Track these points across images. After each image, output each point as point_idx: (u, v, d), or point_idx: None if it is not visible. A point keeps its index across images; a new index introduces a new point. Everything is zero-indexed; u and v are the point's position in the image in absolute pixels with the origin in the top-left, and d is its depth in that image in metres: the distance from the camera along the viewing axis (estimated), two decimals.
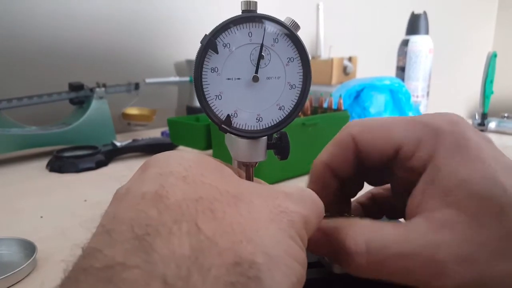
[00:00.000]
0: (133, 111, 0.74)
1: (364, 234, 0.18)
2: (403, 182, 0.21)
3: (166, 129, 0.60)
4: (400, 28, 0.88)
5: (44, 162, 0.57)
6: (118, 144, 0.58)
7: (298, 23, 0.22)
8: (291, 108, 0.23)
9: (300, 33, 0.22)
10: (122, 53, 0.82)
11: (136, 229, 0.13)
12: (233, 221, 0.14)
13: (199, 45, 0.21)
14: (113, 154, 0.58)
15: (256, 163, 0.24)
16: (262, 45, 0.22)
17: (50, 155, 0.57)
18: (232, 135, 0.23)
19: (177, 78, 0.79)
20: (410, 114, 0.67)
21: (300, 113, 0.52)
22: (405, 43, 0.83)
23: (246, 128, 0.22)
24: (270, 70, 0.22)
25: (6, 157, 0.60)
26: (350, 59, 1.03)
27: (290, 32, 0.22)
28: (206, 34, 0.21)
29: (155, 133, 0.75)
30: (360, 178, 0.24)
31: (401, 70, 0.84)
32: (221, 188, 0.15)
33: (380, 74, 0.99)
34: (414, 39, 0.82)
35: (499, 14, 2.07)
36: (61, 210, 0.41)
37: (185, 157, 0.17)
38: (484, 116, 0.81)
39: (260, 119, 0.23)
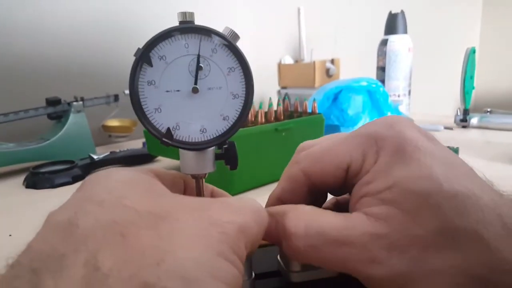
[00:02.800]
0: (113, 123, 0.74)
1: (304, 218, 0.19)
2: None
3: None
4: (380, 27, 0.88)
5: (21, 178, 0.57)
6: (95, 157, 0.58)
7: (237, 33, 0.22)
8: (235, 118, 0.23)
9: (283, 37, 0.23)
10: (100, 66, 0.82)
11: (35, 263, 0.12)
12: (147, 244, 0.13)
13: None
14: (90, 168, 0.58)
15: (205, 174, 0.24)
16: (199, 56, 0.21)
17: (27, 171, 0.57)
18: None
19: None
20: (389, 114, 0.67)
21: (272, 118, 0.52)
22: (384, 43, 0.83)
23: (190, 140, 0.22)
24: (210, 80, 0.22)
25: None
26: (332, 61, 1.03)
27: (228, 42, 0.22)
28: (139, 48, 0.21)
29: (136, 144, 0.75)
30: (317, 199, 0.24)
31: (381, 70, 0.85)
32: (142, 209, 0.15)
33: (363, 75, 0.99)
34: (393, 38, 0.82)
35: (484, 9, 2.09)
36: (32, 227, 0.40)
37: (113, 177, 0.17)
38: (466, 111, 0.81)
39: (204, 130, 0.22)
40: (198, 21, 0.21)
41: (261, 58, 1.05)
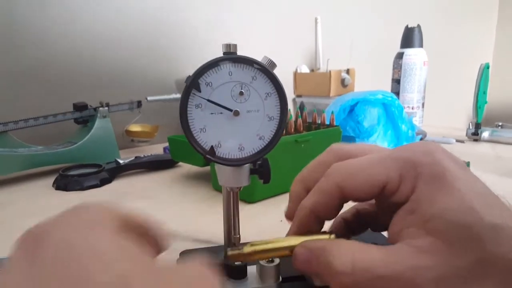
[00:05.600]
0: (135, 128, 0.77)
1: (350, 255, 0.20)
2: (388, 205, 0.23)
3: (168, 145, 0.63)
4: (396, 40, 0.90)
5: (50, 180, 0.60)
6: (121, 161, 0.61)
7: (275, 62, 0.25)
8: (270, 138, 0.25)
9: (300, 45, 0.25)
10: (124, 73, 0.85)
11: None
12: None
13: (198, 62, 0.23)
14: (116, 172, 0.61)
15: (240, 187, 0.26)
16: (241, 83, 0.24)
17: (56, 173, 0.60)
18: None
19: (178, 95, 0.82)
20: (403, 126, 0.69)
21: (292, 130, 0.55)
22: (399, 56, 0.85)
23: (230, 157, 0.25)
24: (250, 104, 0.25)
25: (14, 176, 0.63)
26: (348, 71, 1.05)
27: (266, 70, 0.24)
28: (189, 75, 0.23)
29: (157, 149, 0.78)
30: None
31: (396, 83, 0.86)
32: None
33: (377, 85, 1.01)
34: (409, 52, 0.84)
35: (498, 25, 2.09)
36: None
37: (92, 239, 0.14)
38: (477, 125, 0.82)
39: (242, 148, 0.25)
40: (215, 34, 0.24)
41: (278, 66, 1.08)
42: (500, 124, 0.91)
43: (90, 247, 0.13)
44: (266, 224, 0.39)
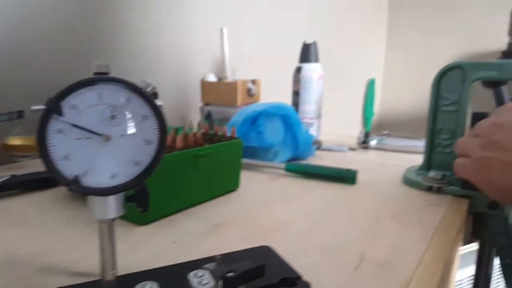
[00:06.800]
0: (16, 141, 0.68)
1: None
2: None
3: None
4: (297, 54, 0.95)
5: None
6: None
7: (152, 83, 0.23)
8: (148, 163, 0.24)
9: (207, 55, 0.24)
10: (3, 80, 0.75)
11: None
12: None
13: (88, 71, 0.21)
14: None
15: (114, 218, 0.24)
16: (112, 106, 0.22)
17: None
18: None
19: None
20: (301, 136, 0.72)
21: (193, 143, 0.53)
22: (298, 70, 0.90)
23: (100, 186, 0.23)
24: (123, 128, 0.23)
25: None
26: (253, 82, 1.08)
27: (141, 92, 0.23)
28: (50, 98, 0.21)
29: (41, 165, 0.70)
30: None
31: (296, 94, 0.91)
32: None
33: (281, 96, 1.05)
34: (306, 66, 0.89)
35: (388, 42, 2.37)
36: None
37: None
38: (367, 134, 0.91)
39: (115, 176, 0.23)
40: (101, 34, 0.22)
41: (185, 74, 1.06)
42: (386, 132, 1.02)
43: None
44: (158, 248, 0.37)
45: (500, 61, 0.57)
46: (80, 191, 0.22)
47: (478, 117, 0.57)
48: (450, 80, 0.58)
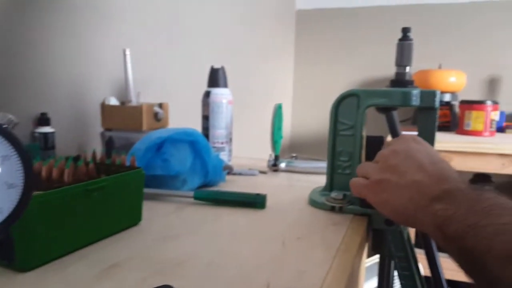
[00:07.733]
0: None
1: None
2: None
3: None
4: (206, 79, 0.95)
5: None
6: None
7: (15, 119, 0.20)
8: (11, 209, 0.20)
9: (107, 78, 0.20)
10: None
11: None
12: None
13: None
14: None
15: None
16: None
17: None
18: None
19: None
20: (210, 162, 0.71)
21: (85, 176, 0.48)
22: (207, 94, 0.90)
23: None
24: None
25: None
26: (161, 105, 1.04)
27: (3, 129, 0.19)
28: None
29: None
30: None
31: (205, 119, 0.90)
32: None
33: (191, 120, 1.03)
34: (215, 91, 0.89)
35: (295, 69, 2.54)
36: None
37: None
38: (276, 157, 0.94)
39: None
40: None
41: (83, 99, 0.97)
42: (294, 155, 1.07)
43: None
44: None
45: (389, 89, 0.63)
46: None
47: (372, 140, 0.62)
48: (347, 106, 0.63)
